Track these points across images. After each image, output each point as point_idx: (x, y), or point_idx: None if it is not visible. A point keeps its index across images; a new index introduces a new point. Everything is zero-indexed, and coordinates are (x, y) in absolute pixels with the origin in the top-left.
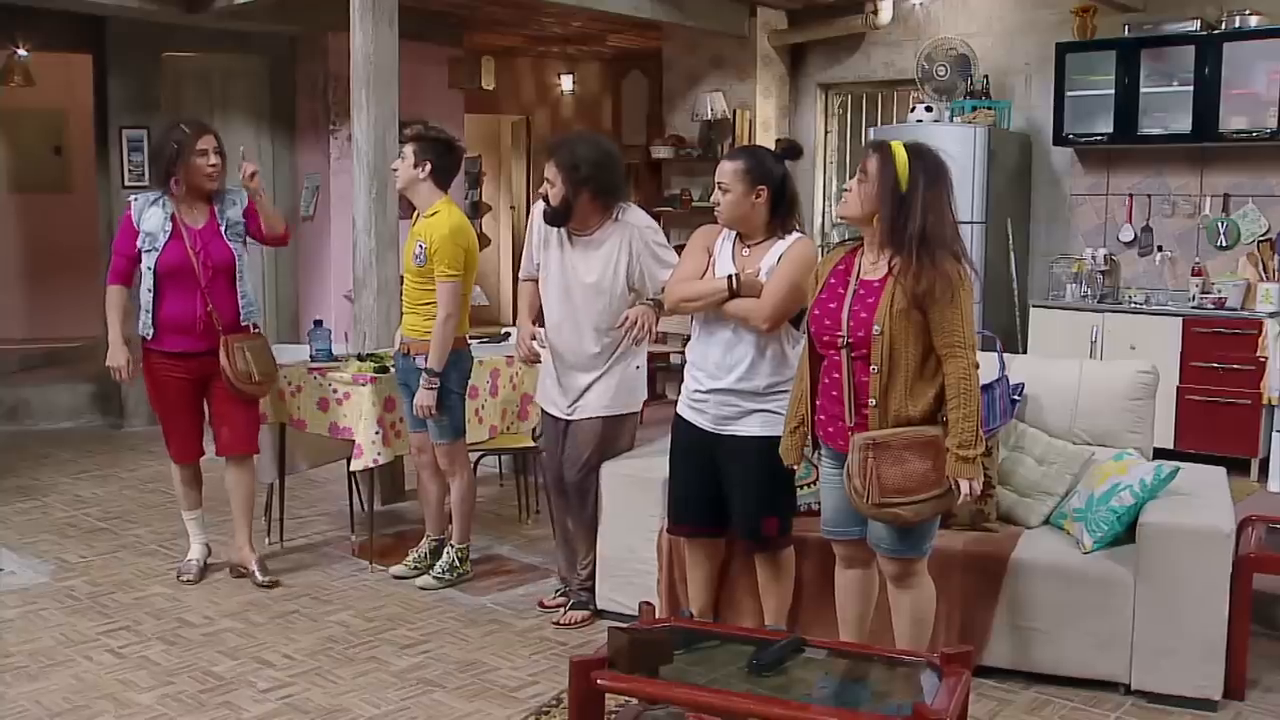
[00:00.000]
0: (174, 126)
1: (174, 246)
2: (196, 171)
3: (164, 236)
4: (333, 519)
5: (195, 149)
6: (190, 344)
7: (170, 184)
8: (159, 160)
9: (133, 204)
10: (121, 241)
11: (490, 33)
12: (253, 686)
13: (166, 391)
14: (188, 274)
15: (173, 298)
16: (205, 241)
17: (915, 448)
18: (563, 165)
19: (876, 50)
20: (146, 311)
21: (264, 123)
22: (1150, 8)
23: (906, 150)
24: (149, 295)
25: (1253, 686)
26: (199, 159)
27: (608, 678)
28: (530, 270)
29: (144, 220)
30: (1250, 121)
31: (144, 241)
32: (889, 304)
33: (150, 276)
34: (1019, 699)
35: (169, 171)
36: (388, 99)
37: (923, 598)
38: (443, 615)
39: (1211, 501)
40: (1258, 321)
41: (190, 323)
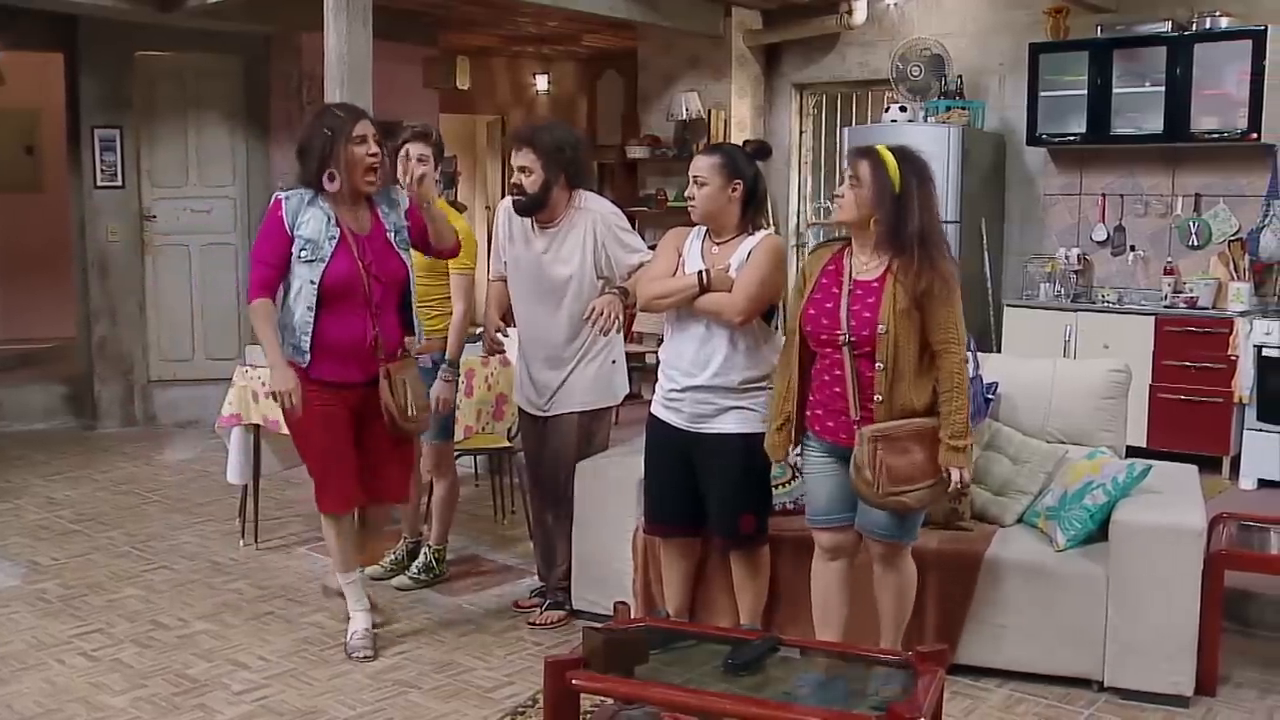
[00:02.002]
0: (324, 112)
1: (342, 257)
2: (356, 164)
3: (330, 245)
4: (307, 520)
5: (352, 136)
6: (352, 373)
7: (324, 181)
8: (309, 152)
9: (284, 203)
10: (269, 248)
11: (465, 32)
12: (227, 689)
13: (329, 428)
14: (356, 291)
15: (336, 318)
16: (375, 252)
17: (917, 438)
18: (544, 149)
19: (851, 50)
20: (303, 334)
21: (238, 123)
22: (1122, 9)
23: (893, 154)
24: (308, 314)
25: (1224, 682)
26: (358, 148)
27: (583, 678)
28: (500, 270)
29: (302, 223)
30: (1221, 122)
31: (304, 249)
32: (892, 303)
33: (313, 292)
34: (993, 697)
35: (322, 165)
36: (362, 99)
37: (907, 578)
38: (418, 616)
39: (1183, 499)
40: (1229, 320)
41: (356, 348)
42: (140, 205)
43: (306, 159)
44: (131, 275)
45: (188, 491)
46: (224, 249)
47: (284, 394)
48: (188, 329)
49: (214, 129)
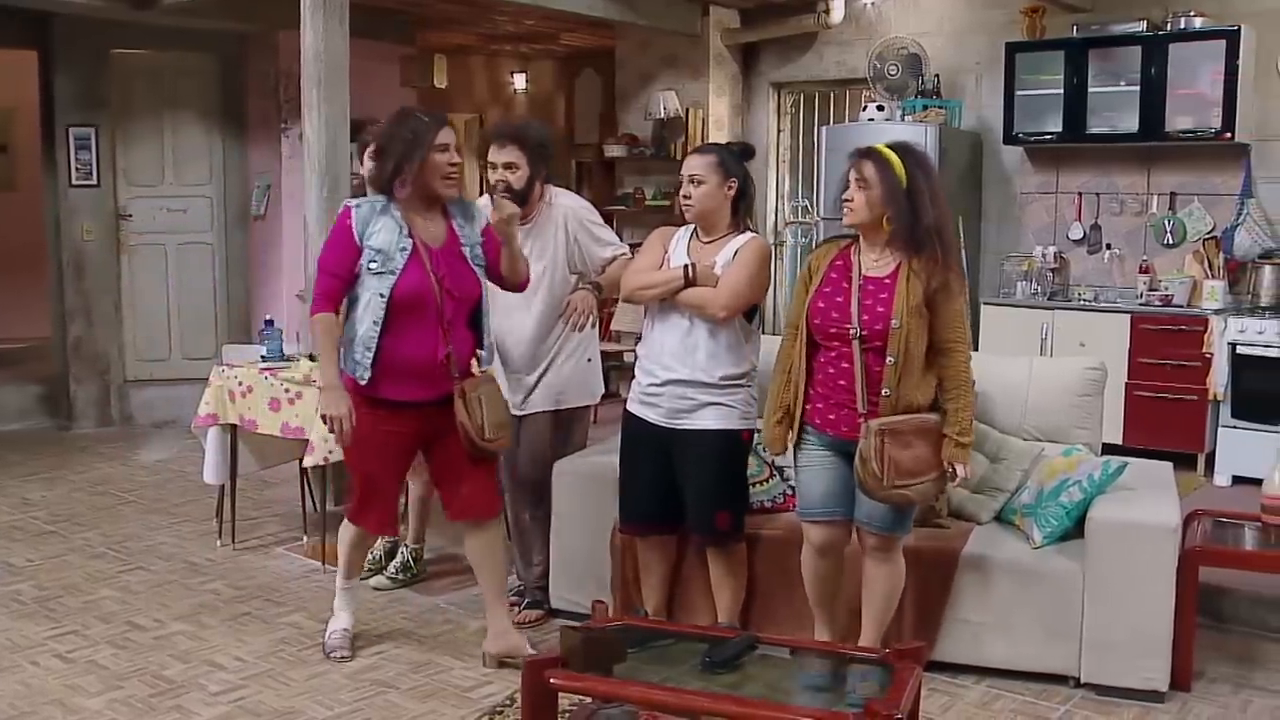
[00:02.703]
0: (407, 115)
1: (414, 269)
2: (434, 172)
3: (401, 256)
4: (284, 520)
5: (435, 144)
6: (418, 392)
7: (395, 186)
8: (388, 155)
9: (354, 211)
10: (335, 257)
11: (443, 31)
12: (204, 689)
13: (382, 453)
14: (428, 305)
15: (405, 334)
16: (449, 266)
17: (920, 433)
18: (530, 145)
19: (828, 49)
20: (366, 350)
21: (214, 121)
22: (1098, 8)
23: (895, 150)
24: (374, 329)
25: (1199, 678)
26: (439, 155)
27: (561, 677)
28: None
29: (372, 233)
30: (1195, 121)
31: (373, 260)
32: (905, 299)
33: (381, 306)
34: (970, 693)
35: (398, 170)
36: (339, 97)
37: (898, 572)
38: (396, 616)
39: (1158, 496)
40: (1203, 318)
41: (426, 366)
42: (116, 204)
43: (384, 162)
44: (107, 274)
45: (164, 492)
46: (201, 248)
47: (334, 419)
48: (164, 329)
49: (190, 128)
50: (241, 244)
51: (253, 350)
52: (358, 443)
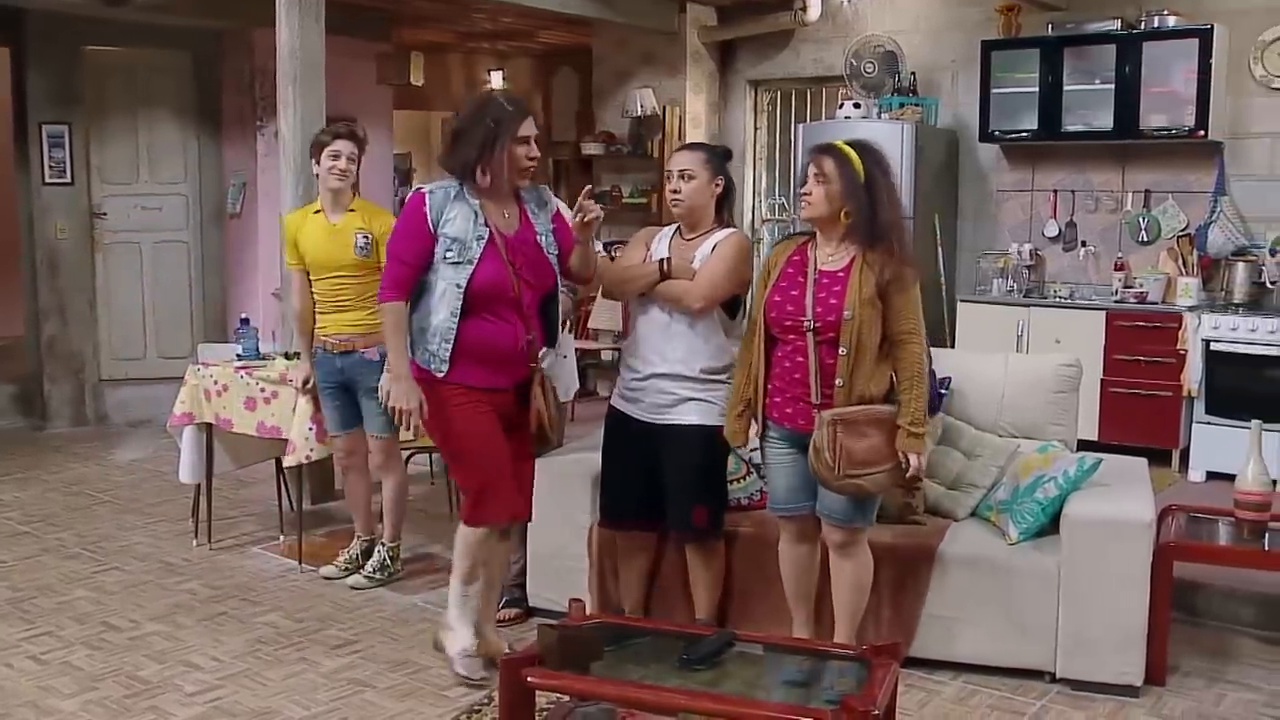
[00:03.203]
0: (489, 102)
1: (491, 259)
2: (514, 163)
3: (478, 245)
4: (261, 519)
5: (517, 134)
6: (499, 379)
7: (475, 175)
8: (468, 141)
9: (428, 197)
10: (408, 245)
11: (419, 28)
12: (180, 690)
13: (492, 431)
14: (505, 295)
15: (484, 323)
16: (525, 255)
17: (875, 423)
18: None
19: (805, 47)
20: (444, 341)
21: (189, 119)
22: (1073, 7)
23: (852, 147)
24: (452, 320)
25: (1173, 672)
26: (520, 147)
27: (538, 675)
28: None
29: (447, 221)
30: (1169, 119)
31: (449, 250)
32: (858, 291)
33: (458, 296)
34: (947, 689)
35: (479, 158)
36: (315, 95)
37: (864, 567)
38: (373, 615)
39: (1133, 492)
40: (1177, 315)
41: (508, 353)
42: (90, 202)
43: (462, 147)
44: (81, 273)
45: (140, 492)
46: (176, 246)
47: (405, 412)
48: (139, 327)
49: (165, 125)
50: (217, 242)
51: (228, 349)
52: (460, 426)
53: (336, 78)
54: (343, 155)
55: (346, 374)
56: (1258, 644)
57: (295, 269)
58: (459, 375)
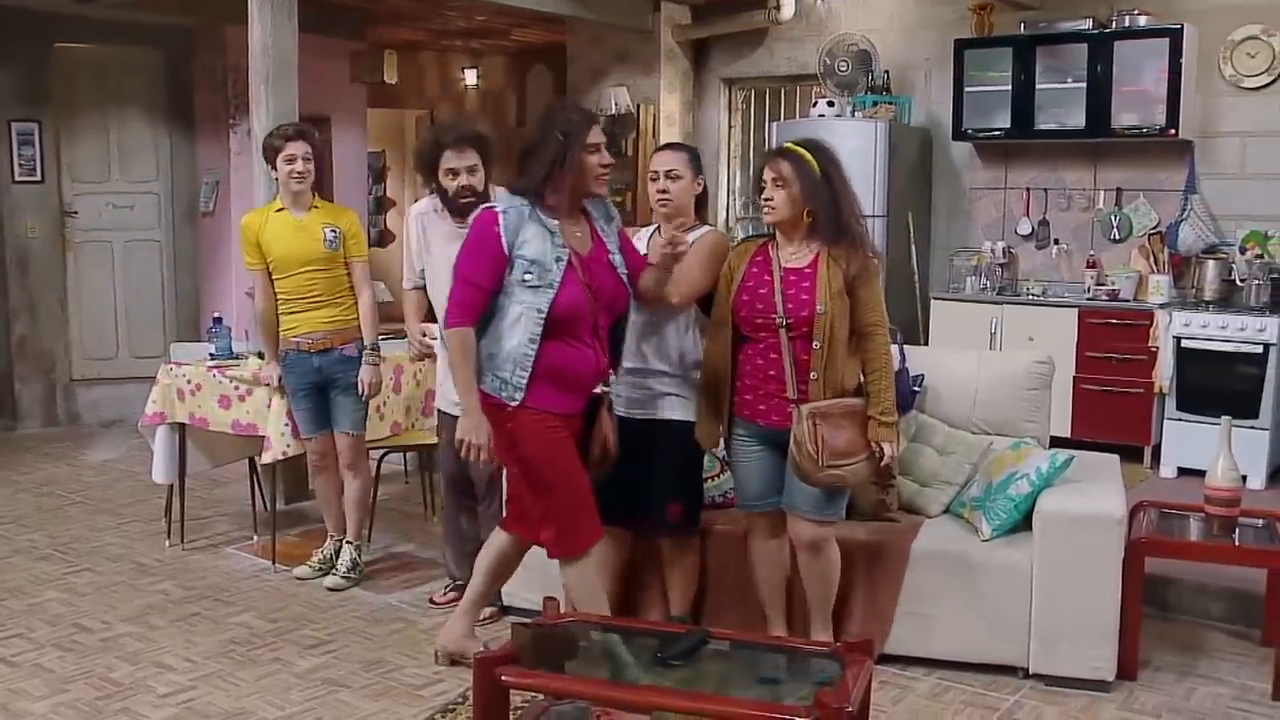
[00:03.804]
0: (553, 114)
1: (571, 282)
2: (587, 175)
3: (558, 268)
4: (234, 520)
5: (587, 142)
6: (574, 404)
7: (545, 190)
8: (538, 157)
9: (501, 216)
10: (480, 267)
11: (393, 26)
12: (152, 691)
13: (570, 452)
14: (584, 318)
15: (560, 347)
16: (599, 275)
17: (849, 415)
18: (487, 146)
19: (779, 46)
20: (520, 368)
21: (161, 117)
22: (1045, 6)
23: (804, 147)
24: (530, 347)
25: (1144, 666)
26: (591, 156)
27: (512, 674)
28: (415, 279)
29: (523, 242)
30: (1141, 118)
31: (528, 273)
32: (827, 286)
33: (539, 321)
34: (921, 685)
35: (551, 172)
36: (288, 93)
37: (833, 559)
38: (347, 614)
39: (1104, 488)
40: (1149, 312)
41: (586, 379)
42: (60, 201)
43: (533, 164)
44: (52, 272)
45: (112, 492)
46: (148, 245)
47: (474, 447)
48: (111, 327)
49: (136, 123)
50: (190, 241)
51: (201, 348)
52: (544, 451)
53: (310, 76)
54: (298, 157)
55: (324, 373)
56: (1227, 638)
57: (257, 270)
58: (535, 401)
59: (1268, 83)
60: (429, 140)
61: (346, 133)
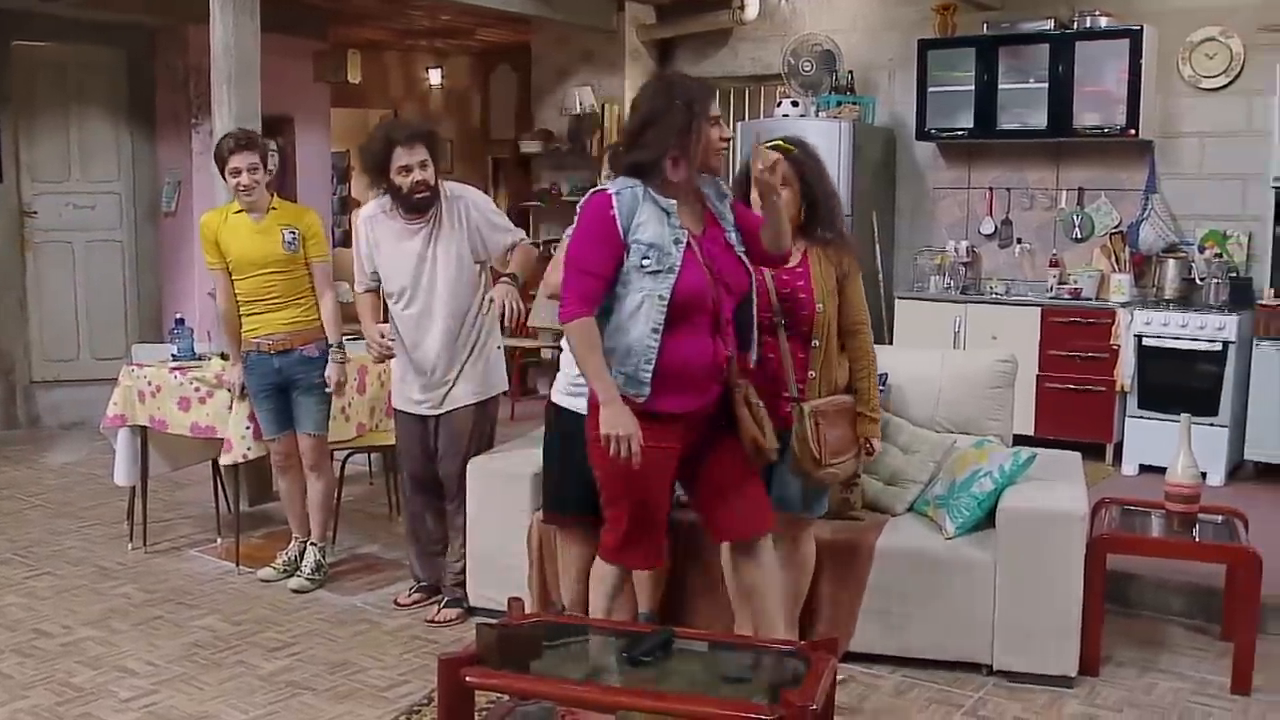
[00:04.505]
0: (673, 82)
1: (691, 265)
2: (708, 149)
3: (677, 251)
4: (198, 522)
5: (709, 114)
6: (691, 401)
7: (666, 167)
8: (661, 128)
9: (615, 198)
10: (596, 254)
11: (356, 25)
12: (114, 696)
13: (657, 474)
14: (705, 305)
15: (680, 338)
16: (718, 257)
17: (842, 413)
18: (435, 142)
19: (744, 46)
20: (644, 360)
21: (122, 117)
22: (1007, 7)
23: (793, 144)
24: (653, 337)
25: (1106, 662)
26: (713, 129)
27: (477, 674)
28: (366, 282)
29: (639, 225)
30: (1102, 118)
31: (646, 258)
32: (822, 283)
33: (661, 309)
34: (885, 683)
35: (679, 143)
36: (250, 93)
37: (808, 556)
38: (311, 616)
39: (1067, 486)
40: (1110, 311)
41: (706, 372)
42: (20, 201)
43: (653, 137)
44: (11, 272)
45: (73, 495)
46: (110, 246)
47: (622, 439)
48: (72, 328)
49: (97, 123)
50: (152, 241)
51: (163, 349)
52: (637, 474)
53: (272, 76)
54: (243, 171)
55: (285, 373)
56: (1187, 632)
57: (217, 270)
58: (655, 401)
59: (1225, 84)
60: (379, 139)
61: (310, 133)
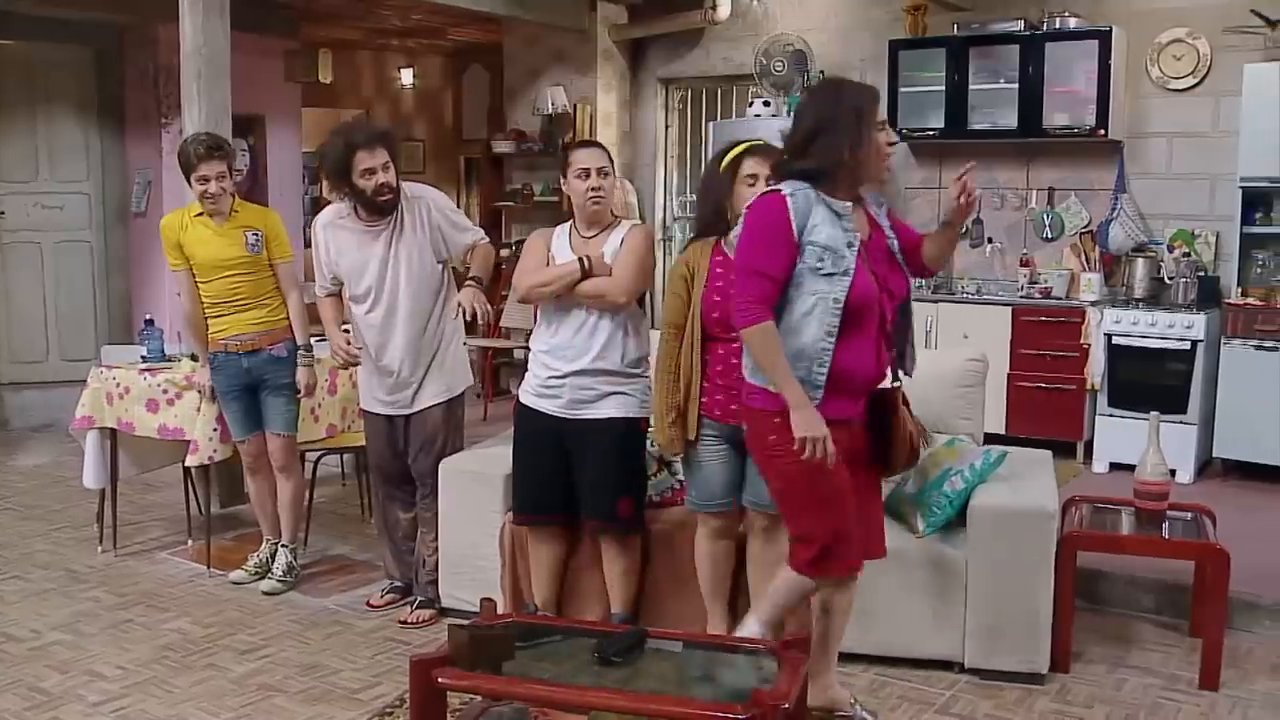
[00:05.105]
0: (841, 87)
1: (861, 269)
2: (877, 155)
3: (851, 255)
4: (168, 524)
5: (878, 120)
6: (855, 407)
7: (836, 175)
8: (834, 133)
9: (790, 200)
10: (772, 256)
11: (328, 25)
12: (83, 700)
13: (843, 469)
14: (873, 309)
15: (848, 343)
16: (881, 262)
17: None
18: (393, 143)
19: (716, 46)
20: (818, 365)
21: (91, 116)
22: (978, 7)
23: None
24: (827, 341)
25: (1077, 659)
26: (880, 133)
27: (448, 675)
28: (329, 287)
29: (813, 227)
30: (1071, 118)
31: (821, 260)
32: None
33: (836, 313)
34: (858, 681)
35: (852, 148)
36: (219, 92)
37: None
38: (283, 618)
39: (1037, 484)
40: (1080, 310)
41: (871, 378)
42: None
43: (822, 145)
44: None
45: (42, 498)
46: (79, 246)
47: (815, 441)
48: (41, 330)
49: (66, 122)
50: (121, 242)
51: (133, 351)
52: (825, 474)
53: (243, 75)
54: (211, 179)
55: (254, 374)
56: (1156, 629)
57: (181, 270)
58: (823, 408)
59: (1193, 84)
60: (339, 145)
61: (281, 132)
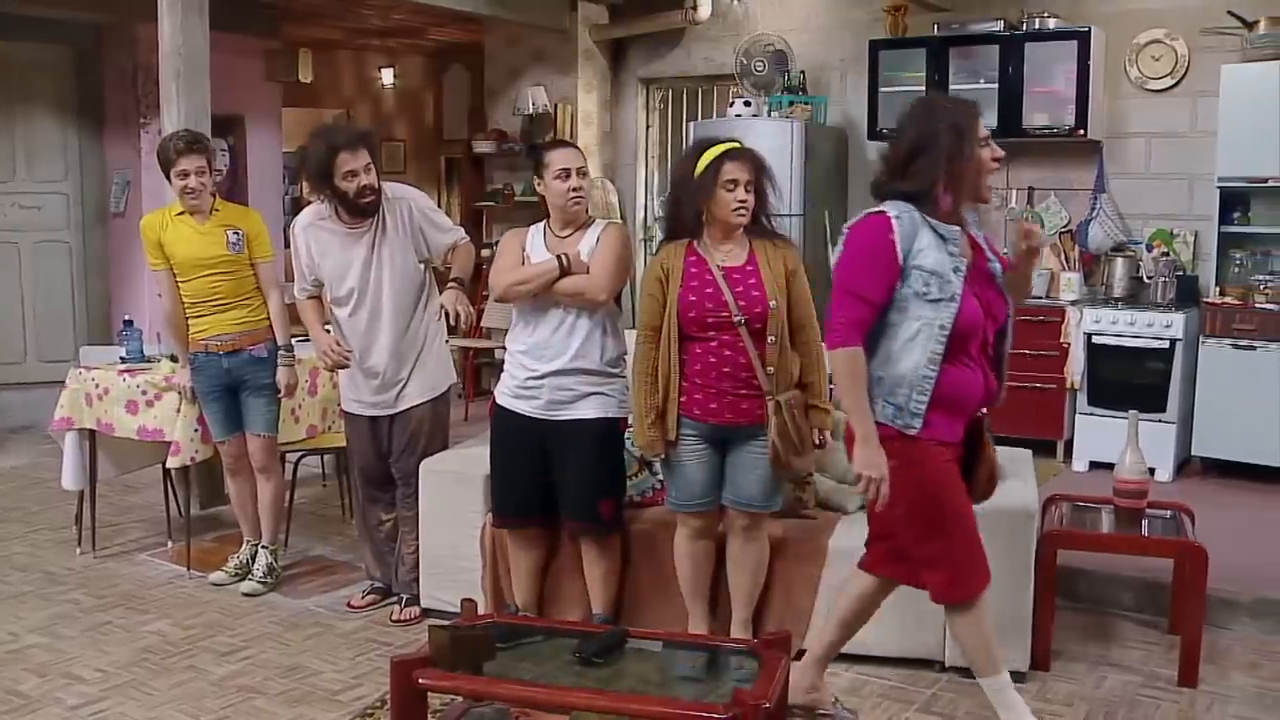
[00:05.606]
0: (935, 106)
1: (967, 295)
2: (980, 173)
3: (958, 280)
4: (148, 526)
5: (981, 136)
6: (962, 430)
7: (937, 195)
8: (933, 153)
9: (895, 222)
10: (875, 280)
11: (308, 24)
12: (61, 704)
13: (962, 486)
14: (977, 334)
15: (953, 368)
16: (982, 285)
17: (801, 406)
18: (373, 144)
19: (697, 46)
20: (919, 393)
21: (70, 116)
22: (958, 8)
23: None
24: (930, 369)
25: (1057, 657)
26: (983, 150)
27: (429, 676)
28: (310, 289)
29: (919, 250)
30: (1051, 118)
31: (928, 285)
32: (773, 281)
33: (942, 339)
34: (839, 681)
35: (948, 170)
36: (199, 92)
37: (765, 547)
38: (264, 620)
39: (1017, 482)
40: (1060, 309)
41: (978, 401)
42: None
43: (923, 165)
44: None
45: (20, 500)
46: (57, 246)
47: (875, 482)
48: (19, 330)
49: (44, 122)
50: (100, 242)
51: (112, 352)
52: (952, 497)
53: (222, 75)
54: (190, 174)
55: (234, 374)
56: (1136, 626)
57: (161, 270)
58: (932, 430)
59: (1171, 85)
60: (321, 147)
61: (261, 132)
